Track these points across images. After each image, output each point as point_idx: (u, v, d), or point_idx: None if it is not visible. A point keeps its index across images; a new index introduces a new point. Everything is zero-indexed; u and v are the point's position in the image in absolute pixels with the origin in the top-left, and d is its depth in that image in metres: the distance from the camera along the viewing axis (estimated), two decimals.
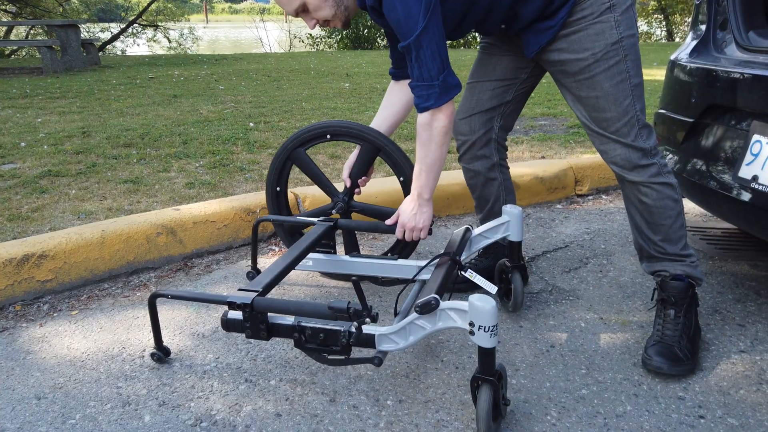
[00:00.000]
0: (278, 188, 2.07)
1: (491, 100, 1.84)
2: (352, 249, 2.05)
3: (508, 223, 1.81)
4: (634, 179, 1.63)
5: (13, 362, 1.69)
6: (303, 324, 1.41)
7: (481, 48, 1.86)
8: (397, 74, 1.88)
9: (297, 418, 1.44)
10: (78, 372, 1.64)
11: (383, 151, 1.94)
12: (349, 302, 1.36)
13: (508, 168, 1.98)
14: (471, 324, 1.28)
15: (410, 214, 1.72)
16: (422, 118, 1.56)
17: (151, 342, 1.77)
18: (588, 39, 1.55)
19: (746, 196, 1.69)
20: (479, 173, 1.93)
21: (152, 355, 1.66)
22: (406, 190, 1.96)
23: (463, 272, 1.67)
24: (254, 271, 2.10)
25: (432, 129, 1.56)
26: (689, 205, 2.90)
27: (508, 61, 1.79)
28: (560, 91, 1.70)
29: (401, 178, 1.97)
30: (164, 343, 1.70)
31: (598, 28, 1.54)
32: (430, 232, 1.76)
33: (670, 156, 2.09)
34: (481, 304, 1.26)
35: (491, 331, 1.27)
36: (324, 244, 1.95)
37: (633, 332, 1.80)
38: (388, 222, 1.80)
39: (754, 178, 1.67)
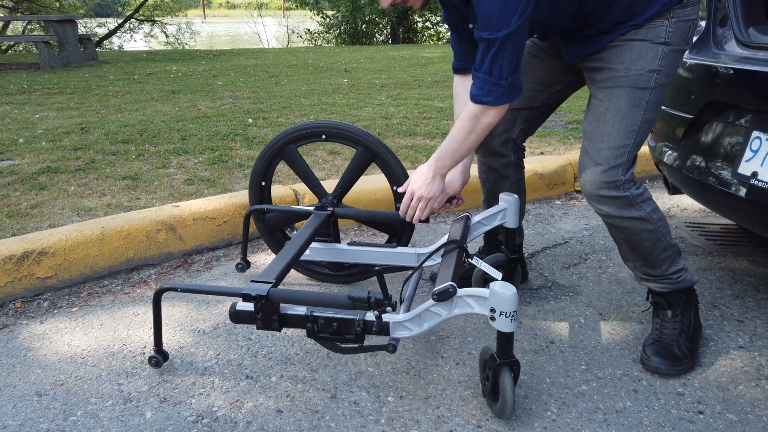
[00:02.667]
0: (263, 182, 2.02)
1: (519, 101, 1.76)
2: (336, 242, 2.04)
3: (505, 210, 1.82)
4: (602, 209, 1.56)
5: (14, 359, 1.69)
6: (316, 314, 1.42)
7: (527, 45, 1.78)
8: (462, 68, 1.78)
9: (298, 415, 1.45)
10: (79, 369, 1.64)
11: (378, 158, 1.91)
12: (369, 291, 1.37)
13: (524, 168, 1.95)
14: (492, 310, 1.32)
15: (423, 182, 1.65)
16: (473, 108, 1.50)
17: (152, 339, 1.77)
18: (629, 55, 1.49)
19: (745, 193, 1.70)
20: (494, 169, 1.90)
21: (150, 359, 1.62)
22: (399, 199, 1.92)
23: (469, 259, 1.68)
24: (243, 263, 2.09)
25: (478, 123, 1.52)
26: (688, 201, 2.91)
27: (549, 66, 1.73)
28: (589, 86, 1.64)
29: (395, 187, 1.93)
30: (165, 343, 1.70)
31: (643, 49, 1.48)
32: (426, 220, 1.74)
33: (670, 152, 2.09)
34: (502, 291, 1.30)
35: (512, 316, 1.31)
36: (322, 233, 1.95)
37: (632, 328, 1.81)
38: (400, 189, 1.74)
39: (754, 175, 1.68)
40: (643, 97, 1.50)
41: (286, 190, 2.61)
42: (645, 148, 3.32)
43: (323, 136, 1.92)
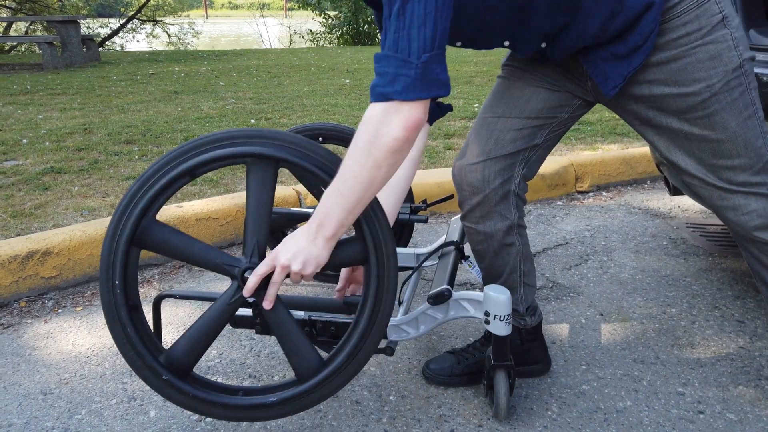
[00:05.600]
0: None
1: (515, 143, 1.38)
2: None
3: None
4: None
5: (19, 358, 1.70)
6: (314, 318, 1.43)
7: (506, 73, 1.42)
8: None
9: (300, 414, 1.46)
10: (83, 368, 1.65)
11: None
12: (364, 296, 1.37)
13: (526, 229, 1.53)
14: (486, 314, 1.33)
15: (292, 247, 1.11)
16: (372, 111, 1.02)
17: None
18: (699, 67, 1.16)
19: None
20: (491, 237, 1.43)
21: None
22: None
23: (463, 260, 1.70)
24: None
25: (378, 136, 1.01)
26: (689, 202, 2.92)
27: (547, 95, 1.35)
28: (642, 133, 1.30)
29: None
30: (168, 343, 1.71)
31: (712, 51, 1.15)
32: (425, 220, 1.59)
33: None
34: (496, 295, 1.31)
35: (506, 319, 1.32)
36: None
37: (633, 329, 1.82)
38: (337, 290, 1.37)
39: None
40: (747, 102, 1.20)
41: (288, 190, 2.62)
42: (647, 148, 3.33)
43: (320, 138, 1.93)
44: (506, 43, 1.22)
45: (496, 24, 1.17)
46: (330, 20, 16.30)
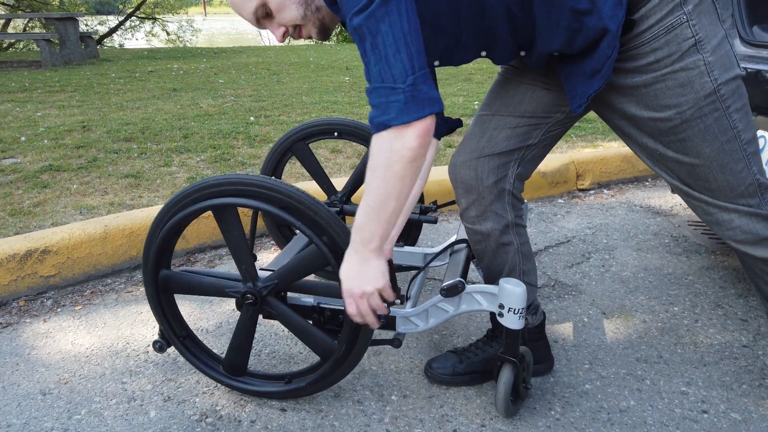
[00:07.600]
0: (273, 178, 2.03)
1: (509, 141, 1.37)
2: None
3: None
4: (762, 255, 1.26)
5: (17, 358, 1.69)
6: (323, 305, 1.42)
7: (504, 71, 1.41)
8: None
9: (302, 414, 1.45)
10: (83, 367, 1.64)
11: None
12: None
13: (526, 227, 1.50)
14: (501, 306, 1.32)
15: (352, 275, 1.18)
16: (378, 140, 1.06)
17: (155, 337, 1.77)
18: (668, 94, 1.14)
19: None
20: (488, 236, 1.43)
21: (155, 343, 1.56)
22: None
23: (474, 259, 1.69)
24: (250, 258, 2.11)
25: (392, 151, 1.04)
26: None
27: (543, 94, 1.34)
28: (626, 144, 1.30)
29: None
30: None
31: (682, 78, 1.12)
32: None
33: None
34: (511, 287, 1.30)
35: (520, 313, 1.31)
36: None
37: (635, 327, 1.81)
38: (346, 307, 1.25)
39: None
40: (724, 126, 1.16)
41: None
42: None
43: (335, 133, 1.94)
44: (483, 53, 1.23)
45: (467, 39, 1.19)
46: None
